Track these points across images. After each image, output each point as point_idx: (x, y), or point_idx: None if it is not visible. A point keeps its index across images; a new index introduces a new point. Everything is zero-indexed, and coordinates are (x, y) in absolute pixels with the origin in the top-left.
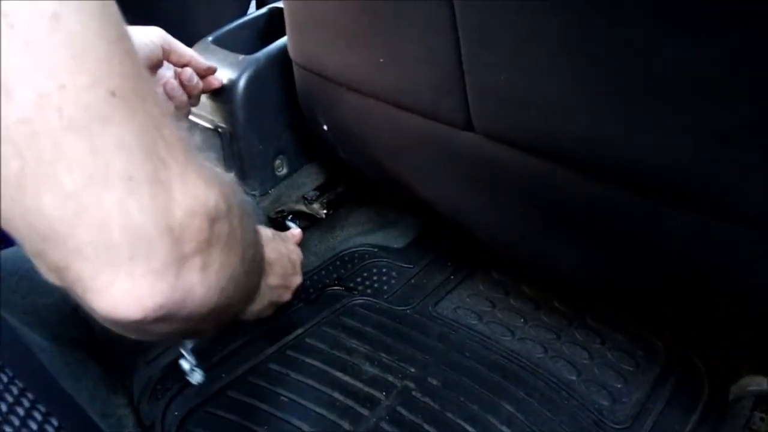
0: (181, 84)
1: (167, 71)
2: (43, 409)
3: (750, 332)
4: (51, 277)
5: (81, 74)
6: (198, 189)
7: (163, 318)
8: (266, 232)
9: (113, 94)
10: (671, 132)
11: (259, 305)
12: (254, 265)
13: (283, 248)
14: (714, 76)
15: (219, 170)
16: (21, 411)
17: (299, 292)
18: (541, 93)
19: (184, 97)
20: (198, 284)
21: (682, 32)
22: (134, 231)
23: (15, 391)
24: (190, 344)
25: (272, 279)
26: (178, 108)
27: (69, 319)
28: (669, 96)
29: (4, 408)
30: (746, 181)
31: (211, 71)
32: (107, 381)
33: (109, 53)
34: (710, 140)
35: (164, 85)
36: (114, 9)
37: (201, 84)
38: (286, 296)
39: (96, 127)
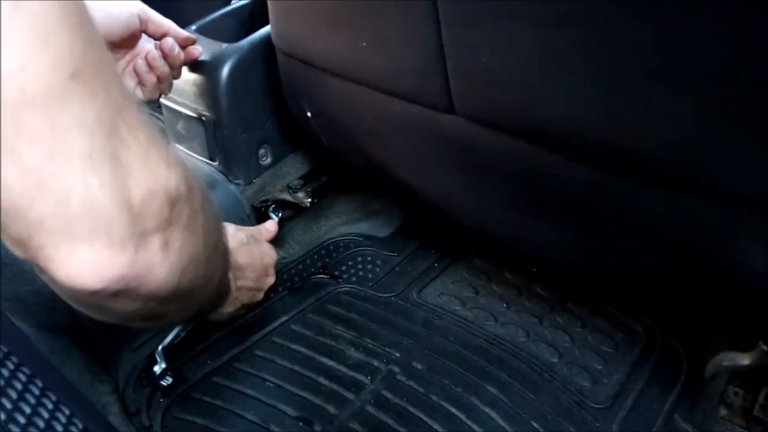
0: (163, 54)
1: (147, 44)
2: (40, 383)
3: (726, 310)
4: (16, 250)
5: (42, 56)
6: (159, 170)
7: (123, 292)
8: (240, 236)
9: (73, 76)
10: (651, 112)
11: (231, 307)
12: (217, 253)
13: (257, 251)
14: (690, 56)
15: (181, 156)
16: (19, 385)
17: (272, 290)
18: (521, 74)
19: (166, 68)
20: (159, 261)
21: (661, 14)
22: (93, 205)
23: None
24: (162, 344)
25: (244, 282)
26: (160, 80)
27: (53, 305)
28: (648, 76)
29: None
30: (723, 160)
31: (191, 41)
32: (91, 368)
33: (71, 37)
34: (688, 120)
35: (146, 56)
36: None
37: (182, 54)
38: (258, 297)
39: (56, 106)
